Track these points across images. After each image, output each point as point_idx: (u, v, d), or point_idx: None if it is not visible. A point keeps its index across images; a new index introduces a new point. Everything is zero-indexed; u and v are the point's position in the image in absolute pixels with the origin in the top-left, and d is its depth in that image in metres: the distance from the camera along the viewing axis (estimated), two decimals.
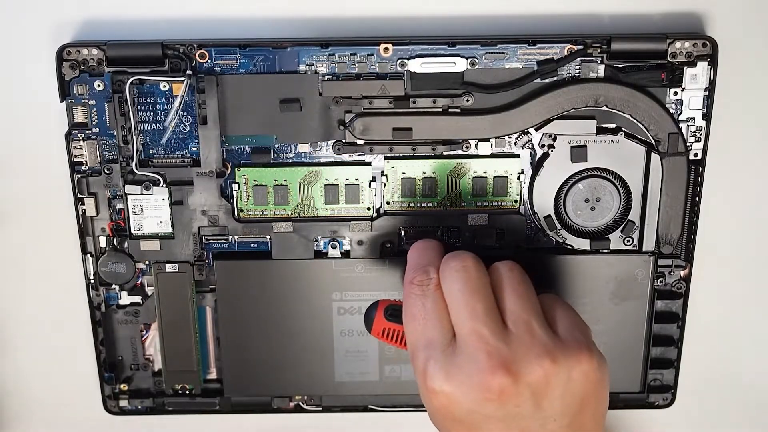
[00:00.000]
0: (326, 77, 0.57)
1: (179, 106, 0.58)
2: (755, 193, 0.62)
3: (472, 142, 0.59)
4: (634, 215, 0.60)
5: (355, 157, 0.59)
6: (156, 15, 0.59)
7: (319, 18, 0.58)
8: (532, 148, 0.59)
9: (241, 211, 0.60)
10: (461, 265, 0.50)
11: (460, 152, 0.59)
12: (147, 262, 0.61)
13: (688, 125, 0.58)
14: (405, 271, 0.53)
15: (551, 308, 0.51)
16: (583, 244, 0.61)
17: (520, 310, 0.49)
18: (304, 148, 0.59)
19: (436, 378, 0.47)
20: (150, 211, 0.60)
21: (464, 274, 0.50)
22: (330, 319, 0.62)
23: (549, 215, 0.60)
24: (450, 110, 0.58)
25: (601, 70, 0.57)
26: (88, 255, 0.61)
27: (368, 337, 0.61)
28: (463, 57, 0.57)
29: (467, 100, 0.58)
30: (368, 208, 0.60)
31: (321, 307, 0.61)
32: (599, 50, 0.57)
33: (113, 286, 0.62)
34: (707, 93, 0.57)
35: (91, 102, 0.58)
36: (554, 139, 0.58)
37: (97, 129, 0.58)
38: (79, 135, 0.58)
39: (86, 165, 0.59)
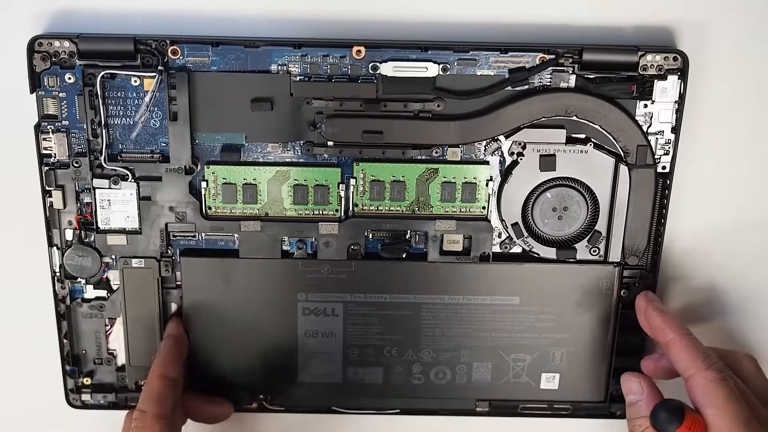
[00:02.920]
0: (298, 78, 0.57)
1: (150, 101, 0.57)
2: (722, 207, 0.63)
3: (442, 148, 0.59)
4: (601, 226, 0.60)
5: (325, 159, 0.59)
6: (130, 9, 0.58)
7: (293, 18, 0.58)
8: (502, 156, 0.59)
9: (210, 208, 0.60)
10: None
11: (430, 157, 0.59)
12: (113, 257, 0.61)
13: (657, 138, 0.59)
14: (688, 357, 0.55)
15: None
16: (550, 252, 0.61)
17: None
18: (274, 147, 0.59)
19: None
20: (117, 206, 0.60)
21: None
22: (295, 320, 0.62)
23: (516, 223, 0.60)
24: (421, 115, 0.58)
25: (572, 81, 0.58)
26: (54, 247, 0.61)
27: (333, 338, 0.61)
28: (435, 62, 0.57)
29: (438, 106, 0.58)
30: (336, 210, 0.60)
31: (286, 307, 0.61)
32: (571, 60, 0.57)
33: (79, 279, 0.62)
34: (677, 106, 0.58)
35: (61, 94, 0.57)
36: (524, 147, 0.59)
37: (67, 122, 0.58)
38: (48, 127, 0.58)
39: (55, 157, 0.59)
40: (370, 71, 0.57)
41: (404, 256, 0.61)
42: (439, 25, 0.58)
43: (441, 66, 0.57)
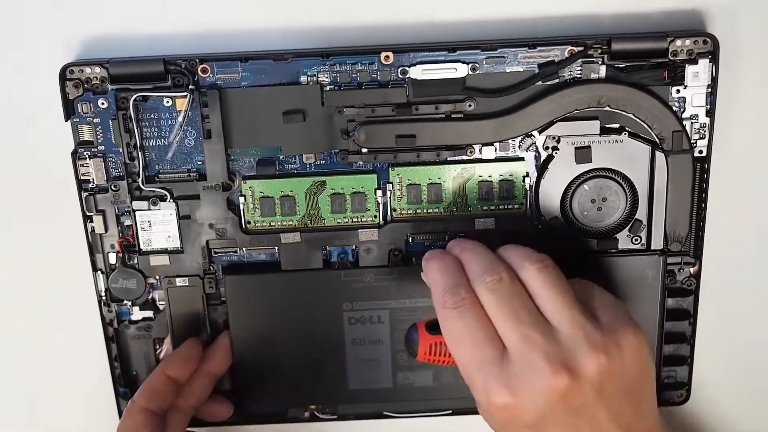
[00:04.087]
0: (328, 87, 0.58)
1: (183, 121, 0.58)
2: (761, 187, 0.62)
3: (476, 147, 0.59)
4: (641, 214, 0.60)
5: (360, 166, 0.60)
6: (158, 31, 0.59)
7: (320, 28, 0.59)
8: (537, 151, 0.59)
9: (249, 223, 0.60)
10: (495, 278, 0.50)
11: (465, 157, 0.59)
12: (157, 277, 0.62)
13: (691, 122, 0.58)
14: (432, 294, 0.53)
15: (584, 293, 0.52)
16: (591, 244, 0.60)
17: (561, 306, 0.50)
18: (308, 158, 0.59)
19: (500, 394, 0.48)
20: (158, 227, 0.60)
21: (499, 285, 0.50)
22: (341, 329, 0.62)
23: (556, 216, 0.60)
24: (453, 116, 0.58)
25: (602, 71, 0.57)
26: (99, 272, 0.61)
27: (380, 345, 0.61)
28: (463, 62, 0.57)
29: (470, 105, 0.58)
30: (375, 216, 0.60)
31: (332, 318, 0.61)
32: (600, 51, 0.57)
33: (125, 301, 0.62)
34: (710, 90, 0.57)
35: (95, 120, 0.58)
36: (558, 141, 0.58)
37: (103, 147, 0.59)
38: (85, 153, 0.59)
39: (93, 183, 0.59)
40: (400, 76, 0.57)
41: None
42: (466, 24, 0.58)
43: (470, 65, 0.57)
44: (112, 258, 0.61)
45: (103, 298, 0.62)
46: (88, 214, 0.60)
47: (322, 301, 0.61)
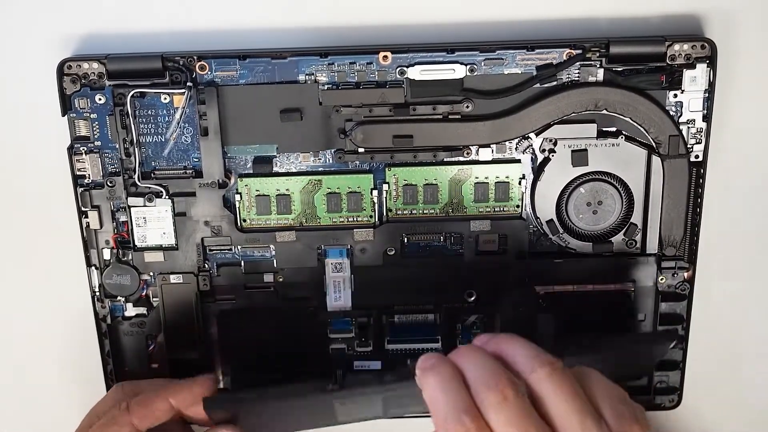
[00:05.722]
0: (326, 86, 0.58)
1: (180, 118, 0.58)
2: (757, 193, 0.62)
3: (473, 148, 0.59)
4: (636, 218, 0.60)
5: (357, 165, 0.60)
6: (156, 28, 0.59)
7: (318, 27, 0.59)
8: (533, 153, 0.59)
9: (244, 221, 0.60)
10: (500, 397, 0.46)
11: (461, 158, 0.59)
12: (151, 274, 0.62)
13: (688, 127, 0.58)
14: (432, 417, 0.48)
15: (586, 384, 0.48)
16: (586, 247, 0.61)
17: (572, 413, 0.46)
18: (305, 157, 0.59)
19: None
20: (153, 223, 0.60)
21: (505, 405, 0.46)
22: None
23: (551, 219, 0.60)
24: (450, 117, 0.58)
25: (600, 74, 0.57)
26: (93, 267, 0.61)
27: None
28: (462, 63, 0.57)
29: (467, 107, 0.58)
30: (370, 216, 0.60)
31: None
32: (598, 54, 0.57)
33: (118, 297, 0.62)
34: (707, 95, 0.57)
35: (92, 115, 0.58)
36: (555, 144, 0.58)
37: (99, 142, 0.59)
38: (81, 148, 0.59)
39: (89, 178, 0.59)
40: (398, 76, 0.57)
41: None
42: (465, 25, 0.58)
43: (468, 67, 0.57)
44: (107, 254, 0.61)
45: (97, 293, 0.62)
46: (83, 209, 0.60)
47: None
